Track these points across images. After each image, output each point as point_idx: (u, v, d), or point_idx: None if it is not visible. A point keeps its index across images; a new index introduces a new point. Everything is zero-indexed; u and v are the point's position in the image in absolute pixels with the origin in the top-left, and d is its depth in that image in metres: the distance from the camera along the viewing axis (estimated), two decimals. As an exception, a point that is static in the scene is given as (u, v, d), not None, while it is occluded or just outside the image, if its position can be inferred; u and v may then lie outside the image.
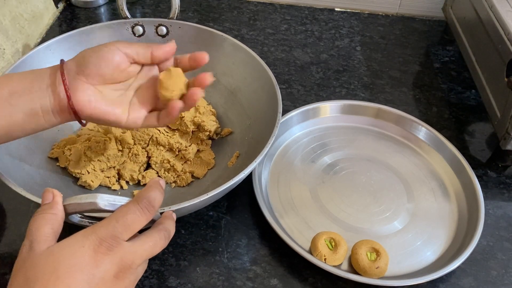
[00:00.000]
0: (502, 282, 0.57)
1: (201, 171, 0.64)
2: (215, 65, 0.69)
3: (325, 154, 0.69)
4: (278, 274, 0.55)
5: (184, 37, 0.70)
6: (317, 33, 0.93)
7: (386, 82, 0.83)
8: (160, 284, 0.54)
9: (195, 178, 0.64)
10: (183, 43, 0.67)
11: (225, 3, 0.99)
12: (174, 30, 0.70)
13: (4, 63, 0.74)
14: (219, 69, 0.70)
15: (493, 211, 0.64)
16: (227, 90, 0.70)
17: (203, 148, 0.67)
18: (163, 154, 0.64)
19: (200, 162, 0.65)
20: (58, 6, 0.93)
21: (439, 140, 0.70)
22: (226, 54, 0.69)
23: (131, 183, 0.63)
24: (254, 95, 0.67)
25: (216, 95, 0.71)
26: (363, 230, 0.60)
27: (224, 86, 0.71)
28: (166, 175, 0.63)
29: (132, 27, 0.70)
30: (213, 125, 0.68)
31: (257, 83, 0.67)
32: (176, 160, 0.64)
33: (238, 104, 0.69)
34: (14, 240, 0.57)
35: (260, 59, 0.66)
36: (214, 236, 0.59)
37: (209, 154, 0.66)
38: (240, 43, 0.68)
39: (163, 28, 0.70)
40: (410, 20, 0.99)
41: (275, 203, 0.63)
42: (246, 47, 0.68)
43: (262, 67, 0.65)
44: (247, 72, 0.68)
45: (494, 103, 0.69)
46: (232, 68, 0.70)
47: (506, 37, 0.66)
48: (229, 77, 0.70)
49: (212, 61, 0.67)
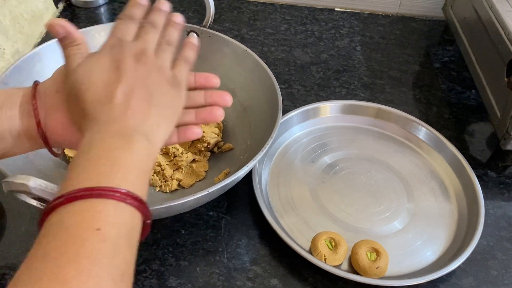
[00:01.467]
0: (502, 282, 0.57)
1: (189, 181, 0.63)
2: (236, 78, 0.69)
3: (325, 154, 0.69)
4: (278, 274, 0.55)
5: (213, 46, 0.70)
6: (317, 33, 0.93)
7: (386, 82, 0.83)
8: (160, 284, 0.54)
9: (180, 187, 0.63)
10: (210, 51, 0.69)
11: (225, 3, 0.99)
12: (204, 38, 0.69)
13: (4, 63, 0.74)
14: (238, 83, 0.69)
15: (493, 211, 0.64)
16: (241, 106, 0.69)
17: (199, 158, 0.66)
18: (157, 156, 0.64)
19: (191, 172, 0.64)
20: (58, 6, 0.93)
21: (439, 140, 0.70)
22: (247, 69, 0.68)
23: None
24: (254, 95, 0.67)
25: (230, 108, 0.68)
26: (363, 230, 0.60)
27: (239, 101, 0.69)
28: (153, 178, 0.63)
29: None
30: (214, 137, 0.66)
31: (257, 83, 0.67)
32: (167, 165, 0.64)
33: (247, 122, 0.68)
34: (14, 241, 0.56)
35: (268, 69, 0.65)
36: (214, 236, 0.59)
37: (202, 166, 0.65)
38: (259, 60, 0.67)
39: (194, 35, 0.70)
40: (410, 20, 0.99)
41: (275, 203, 0.63)
42: (259, 59, 0.67)
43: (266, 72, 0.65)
44: (256, 84, 0.67)
45: (494, 103, 0.69)
46: (248, 83, 0.69)
47: (506, 37, 0.66)
48: (245, 92, 0.69)
49: (234, 74, 0.68)
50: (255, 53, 0.67)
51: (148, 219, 0.36)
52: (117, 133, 0.37)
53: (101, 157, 0.35)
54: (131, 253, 0.33)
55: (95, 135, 0.37)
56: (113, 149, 0.36)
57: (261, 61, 0.66)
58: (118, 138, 0.37)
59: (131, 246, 0.33)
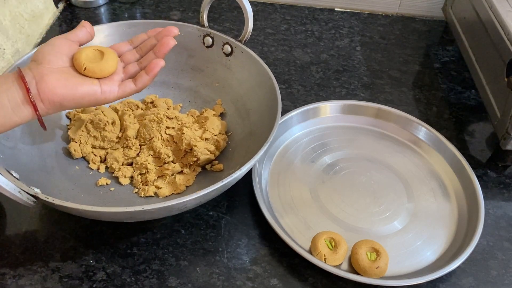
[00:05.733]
0: (502, 282, 0.57)
1: (165, 192, 0.61)
2: (254, 100, 0.67)
3: (325, 154, 0.69)
4: (278, 274, 0.55)
5: (243, 62, 0.69)
6: (317, 33, 0.93)
7: (386, 82, 0.83)
8: (160, 284, 0.54)
9: (156, 195, 0.61)
10: (239, 67, 0.69)
11: (225, 3, 0.99)
12: (237, 52, 0.70)
13: (4, 63, 0.74)
14: (255, 105, 0.67)
15: (493, 211, 0.64)
16: (249, 129, 0.67)
17: (187, 171, 0.63)
18: (148, 158, 0.63)
19: (172, 183, 0.62)
20: (58, 6, 0.93)
21: (439, 140, 0.70)
22: (265, 92, 0.65)
23: (109, 170, 0.64)
24: (255, 96, 0.67)
25: (240, 128, 0.68)
26: (363, 230, 0.60)
27: (250, 123, 0.67)
28: (137, 179, 0.62)
29: (203, 36, 0.72)
30: (206, 154, 0.63)
31: (257, 83, 0.67)
32: (153, 170, 0.62)
33: (248, 125, 0.67)
34: (14, 241, 0.57)
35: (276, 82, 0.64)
36: (214, 236, 0.59)
37: (186, 180, 0.62)
38: (259, 59, 0.67)
39: (228, 47, 0.70)
40: (410, 20, 0.99)
41: (275, 203, 0.63)
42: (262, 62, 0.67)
43: (266, 72, 0.65)
44: (256, 83, 0.67)
45: (494, 103, 0.69)
46: (248, 83, 0.68)
47: (506, 37, 0.66)
48: (248, 98, 0.69)
49: (254, 95, 0.68)
50: (255, 53, 0.67)
51: None
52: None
53: None
54: None
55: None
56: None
57: (261, 61, 0.66)
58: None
59: None
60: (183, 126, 0.64)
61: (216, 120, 0.67)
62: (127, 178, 0.63)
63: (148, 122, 0.64)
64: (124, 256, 0.56)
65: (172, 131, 0.65)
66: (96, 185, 0.62)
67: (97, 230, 0.58)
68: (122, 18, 0.93)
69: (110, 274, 0.54)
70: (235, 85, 0.71)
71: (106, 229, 0.58)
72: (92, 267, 0.55)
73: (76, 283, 0.53)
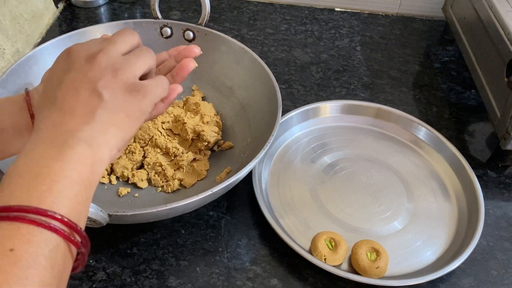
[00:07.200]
0: (502, 282, 0.57)
1: (190, 181, 0.63)
2: (234, 76, 0.70)
3: (325, 154, 0.69)
4: (278, 274, 0.55)
5: (209, 44, 0.70)
6: (317, 33, 0.93)
7: (386, 82, 0.83)
8: (160, 284, 0.54)
9: (182, 187, 0.63)
10: (207, 50, 0.69)
11: (225, 3, 0.99)
12: (201, 36, 0.70)
13: (4, 63, 0.74)
14: (236, 81, 0.70)
15: (493, 211, 0.64)
16: (240, 104, 0.70)
17: (199, 157, 0.66)
18: (157, 156, 0.64)
19: (192, 171, 0.64)
20: (58, 6, 0.93)
21: (439, 140, 0.70)
22: (245, 67, 0.69)
23: (121, 179, 0.64)
24: (255, 96, 0.67)
25: (228, 106, 0.71)
26: (363, 230, 0.60)
27: (238, 99, 0.70)
28: (155, 178, 0.63)
29: (160, 28, 0.71)
30: (214, 136, 0.66)
31: (257, 83, 0.67)
32: (168, 165, 0.64)
33: (246, 120, 0.68)
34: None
35: (269, 70, 0.65)
36: (214, 236, 0.59)
37: (203, 165, 0.65)
38: (259, 60, 0.67)
39: (190, 33, 0.71)
40: (410, 20, 0.99)
41: (275, 203, 0.63)
42: (258, 58, 0.67)
43: (266, 72, 0.65)
44: (256, 83, 0.67)
45: (494, 103, 0.69)
46: (248, 83, 0.69)
47: (506, 37, 0.66)
48: (244, 91, 0.70)
49: (231, 72, 0.68)
50: (255, 53, 0.67)
51: (82, 246, 0.33)
52: (48, 140, 0.33)
53: (26, 169, 0.32)
54: None
55: (28, 145, 0.33)
56: (41, 159, 0.32)
57: (261, 61, 0.66)
58: (49, 145, 0.33)
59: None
60: (179, 117, 0.66)
61: (206, 103, 0.70)
62: (144, 181, 0.63)
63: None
64: (124, 256, 0.56)
65: (168, 125, 0.66)
66: (120, 196, 0.61)
67: (97, 230, 0.58)
68: (122, 18, 0.93)
69: (110, 274, 0.54)
70: (207, 67, 0.71)
71: (106, 229, 0.58)
72: (92, 267, 0.55)
73: (76, 283, 0.53)
